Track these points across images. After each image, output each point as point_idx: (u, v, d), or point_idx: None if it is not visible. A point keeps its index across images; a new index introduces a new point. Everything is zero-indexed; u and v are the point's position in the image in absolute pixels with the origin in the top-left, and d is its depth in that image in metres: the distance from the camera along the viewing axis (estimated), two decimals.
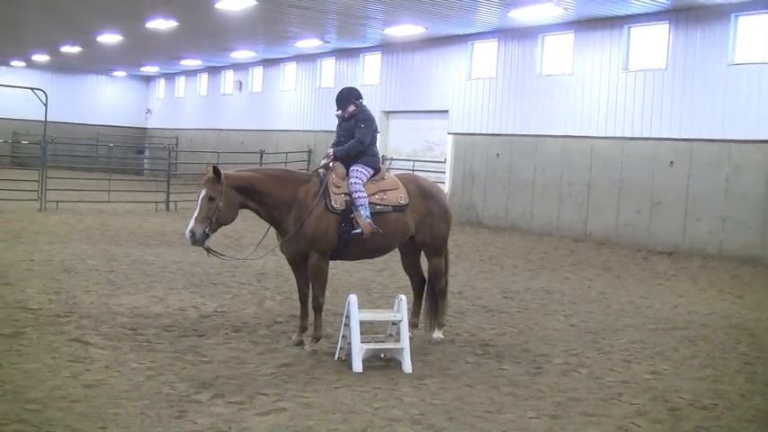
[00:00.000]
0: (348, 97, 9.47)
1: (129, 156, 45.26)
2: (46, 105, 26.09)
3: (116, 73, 48.53)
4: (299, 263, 9.07)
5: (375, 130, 9.48)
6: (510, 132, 24.15)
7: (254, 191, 8.71)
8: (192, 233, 8.39)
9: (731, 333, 10.90)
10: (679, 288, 14.84)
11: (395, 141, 28.88)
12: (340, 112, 9.54)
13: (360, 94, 9.58)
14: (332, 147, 9.41)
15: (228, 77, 40.76)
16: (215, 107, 41.80)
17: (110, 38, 31.21)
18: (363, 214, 8.89)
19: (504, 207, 24.20)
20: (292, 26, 27.06)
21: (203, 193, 8.46)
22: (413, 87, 27.85)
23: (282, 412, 6.82)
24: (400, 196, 9.29)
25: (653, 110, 20.22)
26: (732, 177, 18.55)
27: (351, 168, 9.14)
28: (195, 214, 8.46)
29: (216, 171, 8.43)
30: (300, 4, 22.59)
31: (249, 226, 19.23)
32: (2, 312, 9.96)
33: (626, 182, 20.81)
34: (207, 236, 8.48)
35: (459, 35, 25.52)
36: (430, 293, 9.90)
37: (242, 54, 34.96)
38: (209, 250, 8.74)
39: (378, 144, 9.82)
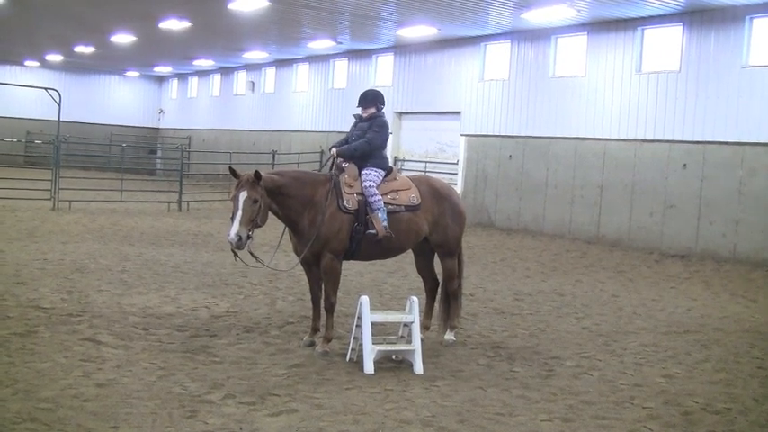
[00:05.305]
0: (374, 99, 9.51)
1: (141, 156, 45.42)
2: (59, 105, 26.20)
3: (129, 73, 48.67)
4: (311, 263, 9.07)
5: (386, 138, 9.52)
6: (522, 134, 24.09)
7: (280, 193, 8.70)
8: (239, 237, 8.26)
9: (744, 337, 10.84)
10: (692, 291, 14.78)
11: (407, 143, 28.87)
12: (360, 110, 9.57)
13: (384, 101, 9.63)
14: (336, 145, 9.42)
15: (241, 78, 40.82)
16: (227, 107, 41.89)
17: (123, 38, 31.30)
18: (381, 217, 8.91)
19: (517, 209, 24.14)
20: (305, 27, 27.09)
21: (245, 195, 8.32)
22: (425, 88, 27.83)
23: (293, 413, 6.82)
24: (412, 196, 9.30)
25: (666, 112, 20.13)
26: (746, 180, 18.45)
27: (363, 171, 9.15)
28: (239, 217, 8.29)
29: (257, 174, 8.38)
30: (313, 4, 22.60)
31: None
32: (15, 311, 10.00)
33: (639, 184, 20.72)
34: (249, 238, 8.41)
35: (472, 36, 25.48)
36: (443, 295, 9.89)
37: (254, 55, 35.01)
38: (252, 255, 8.66)
39: (389, 146, 9.82)
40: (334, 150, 9.29)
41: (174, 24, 26.51)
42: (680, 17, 19.86)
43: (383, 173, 9.28)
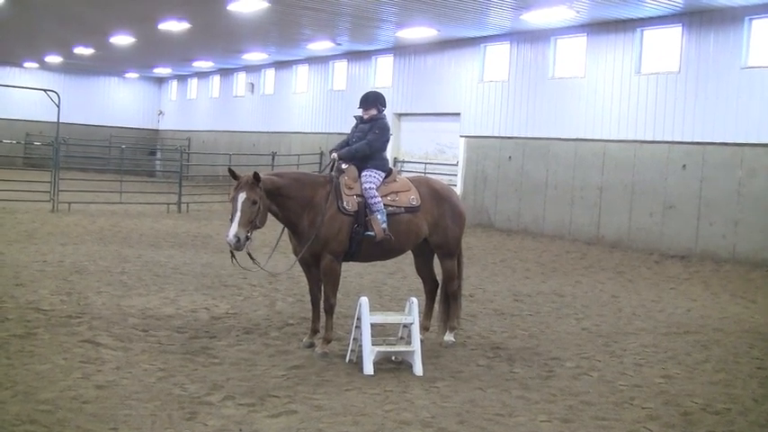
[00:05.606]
0: (375, 101, 9.52)
1: (141, 157, 45.39)
2: (59, 107, 26.18)
3: (128, 74, 48.65)
4: (311, 264, 9.08)
5: (387, 140, 9.52)
6: (522, 135, 24.09)
7: (279, 194, 8.70)
8: (237, 238, 8.23)
9: (744, 337, 10.84)
10: (691, 292, 14.78)
11: (407, 144, 28.86)
12: (360, 112, 9.57)
13: (385, 102, 9.63)
14: (336, 148, 9.40)
15: (240, 79, 40.82)
16: (227, 109, 41.87)
17: (122, 39, 31.28)
18: (380, 219, 8.92)
19: (516, 210, 24.14)
20: (304, 28, 27.08)
21: (244, 196, 8.31)
22: (425, 90, 27.83)
23: (293, 414, 6.82)
24: (412, 198, 9.31)
25: (666, 113, 20.13)
26: (745, 181, 18.45)
27: (362, 173, 9.16)
28: (238, 218, 8.27)
29: (256, 175, 8.37)
30: (313, 6, 22.60)
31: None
32: (14, 313, 10.00)
33: (638, 185, 20.73)
34: (248, 239, 8.40)
35: (472, 38, 25.49)
36: (443, 296, 9.90)
37: (254, 56, 35.00)
38: (250, 256, 8.64)
39: (389, 147, 9.81)
40: (334, 154, 9.28)
41: (173, 26, 26.50)
42: (679, 18, 19.87)
43: (383, 174, 9.28)
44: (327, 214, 8.82)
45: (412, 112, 28.53)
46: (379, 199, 9.02)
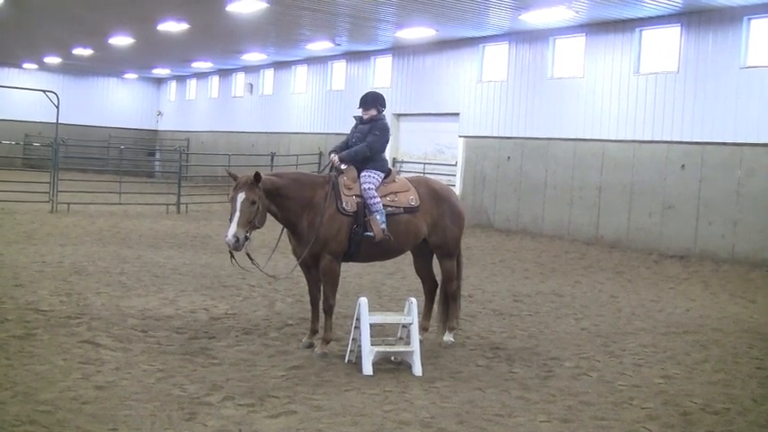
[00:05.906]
0: (374, 101, 9.52)
1: (140, 158, 45.35)
2: (57, 108, 26.17)
3: (127, 75, 48.63)
4: (310, 265, 9.08)
5: (387, 141, 9.52)
6: (521, 135, 24.10)
7: (279, 195, 8.70)
8: (236, 238, 8.23)
9: (743, 337, 10.84)
10: (691, 292, 14.78)
11: (405, 144, 28.86)
12: (360, 113, 9.57)
13: (384, 103, 9.63)
14: (336, 150, 9.41)
15: (239, 80, 40.81)
16: (226, 109, 41.87)
17: (121, 40, 31.28)
18: (379, 219, 8.92)
19: (515, 210, 24.15)
20: (303, 29, 27.08)
21: (243, 196, 8.31)
22: (424, 90, 27.83)
23: (293, 415, 6.82)
24: (411, 198, 9.31)
25: (664, 113, 20.14)
26: (744, 181, 18.45)
27: (362, 174, 9.16)
28: (237, 218, 8.27)
29: (257, 175, 8.37)
30: (312, 6, 22.60)
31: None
32: (13, 314, 10.00)
33: (637, 185, 20.73)
34: (247, 239, 8.39)
35: (470, 38, 25.49)
36: (442, 297, 9.90)
37: (253, 56, 35.00)
38: (249, 257, 8.64)
39: (388, 147, 9.81)
40: (334, 156, 9.28)
41: (172, 26, 26.50)
42: (678, 18, 19.88)
43: (382, 175, 9.28)
44: (326, 214, 8.82)
45: (411, 113, 28.54)
46: (379, 199, 9.02)
